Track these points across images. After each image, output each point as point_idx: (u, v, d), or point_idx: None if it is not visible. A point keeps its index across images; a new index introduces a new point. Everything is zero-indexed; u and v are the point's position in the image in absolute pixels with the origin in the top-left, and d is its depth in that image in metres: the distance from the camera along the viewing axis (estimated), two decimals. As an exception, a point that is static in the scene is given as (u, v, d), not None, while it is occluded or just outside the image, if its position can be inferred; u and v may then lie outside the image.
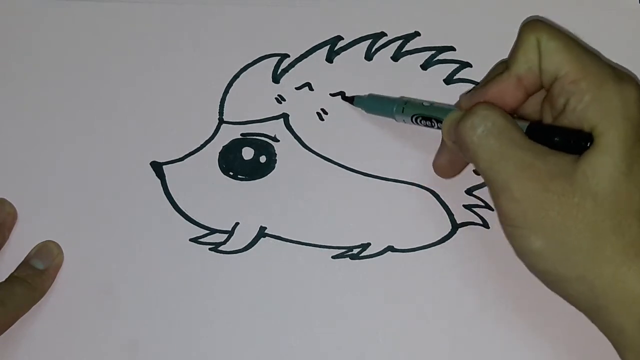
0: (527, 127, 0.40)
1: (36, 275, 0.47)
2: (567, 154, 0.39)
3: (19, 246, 0.48)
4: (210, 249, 0.48)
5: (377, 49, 0.50)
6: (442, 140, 0.45)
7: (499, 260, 0.47)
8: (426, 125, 0.45)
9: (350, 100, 0.48)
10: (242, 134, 0.49)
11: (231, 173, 0.49)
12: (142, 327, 0.47)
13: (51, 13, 0.50)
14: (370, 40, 0.50)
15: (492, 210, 0.47)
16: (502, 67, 0.43)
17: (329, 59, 0.50)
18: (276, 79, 0.50)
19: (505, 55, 0.48)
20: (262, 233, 0.48)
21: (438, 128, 0.44)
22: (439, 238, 0.47)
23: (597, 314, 0.39)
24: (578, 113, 0.39)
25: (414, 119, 0.45)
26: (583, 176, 0.37)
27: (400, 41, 0.49)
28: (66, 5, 0.50)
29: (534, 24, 0.41)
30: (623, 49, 0.48)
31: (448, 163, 0.46)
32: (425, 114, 0.45)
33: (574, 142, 0.39)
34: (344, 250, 0.48)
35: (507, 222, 0.39)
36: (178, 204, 0.48)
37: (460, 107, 0.44)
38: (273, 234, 0.48)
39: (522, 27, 0.42)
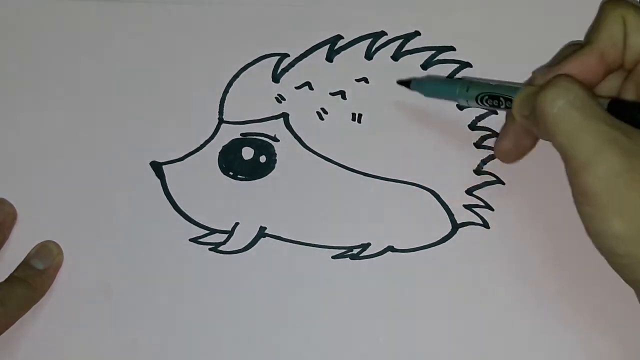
0: (609, 103, 0.38)
1: (36, 275, 0.47)
2: None
3: (19, 246, 0.48)
4: (210, 249, 0.48)
5: (377, 49, 0.49)
6: (506, 123, 0.44)
7: (499, 260, 0.47)
8: (492, 106, 0.43)
9: (407, 83, 0.47)
10: (242, 134, 0.49)
11: (231, 173, 0.49)
12: (142, 327, 0.47)
13: (51, 13, 0.50)
14: (370, 40, 0.50)
15: (492, 210, 0.48)
16: (575, 47, 0.42)
17: (329, 59, 0.50)
18: (276, 78, 0.49)
19: (505, 56, 0.48)
20: (262, 233, 0.48)
21: (506, 108, 0.42)
22: (439, 238, 0.47)
23: None
24: None
25: (479, 100, 0.43)
26: None
27: (400, 41, 0.49)
28: (66, 5, 0.50)
29: (617, 1, 0.40)
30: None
31: (513, 146, 0.44)
32: (493, 92, 0.43)
33: None
34: (344, 250, 0.48)
35: (586, 201, 0.37)
36: (178, 204, 0.48)
37: (534, 84, 0.42)
38: (273, 234, 0.48)
39: (605, 4, 0.41)
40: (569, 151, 0.37)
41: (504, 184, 0.48)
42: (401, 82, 0.48)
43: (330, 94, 0.49)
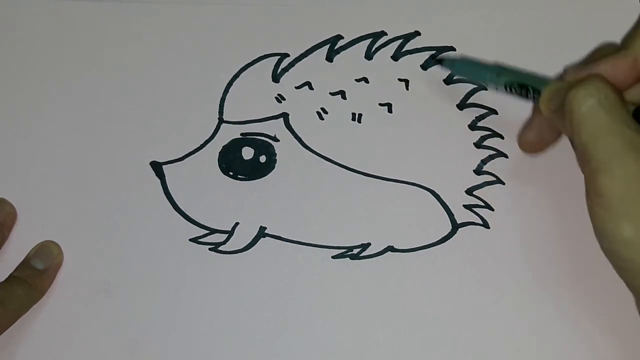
0: (634, 110, 0.39)
1: (36, 275, 0.47)
2: None
3: (19, 246, 0.48)
4: (210, 249, 0.48)
5: (377, 49, 0.49)
6: (533, 114, 0.44)
7: (499, 261, 0.47)
8: (519, 95, 0.43)
9: (439, 61, 0.47)
10: (242, 134, 0.49)
11: (231, 173, 0.49)
12: (142, 327, 0.47)
13: (51, 13, 0.50)
14: (370, 40, 0.50)
15: (492, 210, 0.48)
16: (610, 49, 0.42)
17: (329, 58, 0.50)
18: (276, 78, 0.50)
19: (505, 56, 0.48)
20: (262, 233, 0.48)
21: (533, 99, 0.42)
22: (439, 238, 0.47)
23: None
24: None
25: (508, 87, 0.43)
26: None
27: (401, 41, 0.49)
28: (66, 5, 0.50)
29: None
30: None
31: (536, 138, 0.44)
32: (523, 81, 0.42)
33: None
34: (344, 250, 0.48)
35: (601, 202, 0.37)
36: (178, 203, 0.48)
37: (565, 80, 0.42)
38: (273, 234, 0.48)
39: None
40: (590, 150, 0.37)
41: (504, 184, 0.48)
42: (434, 59, 0.47)
43: (330, 94, 0.49)
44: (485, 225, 0.48)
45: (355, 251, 0.47)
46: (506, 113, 0.48)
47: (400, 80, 0.49)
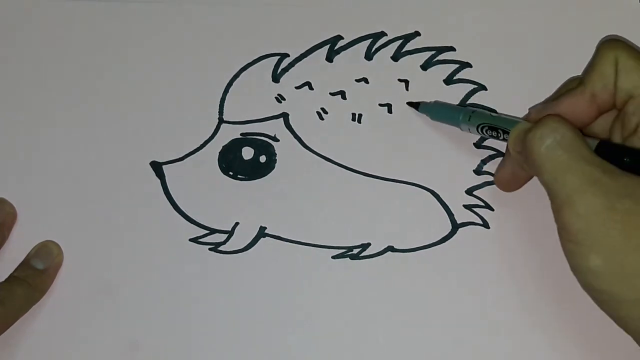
0: (597, 144, 0.39)
1: (36, 275, 0.47)
2: (636, 175, 0.38)
3: (19, 246, 0.48)
4: (210, 249, 0.48)
5: (377, 49, 0.49)
6: (506, 153, 0.45)
7: (499, 261, 0.47)
8: (491, 136, 0.44)
9: (416, 106, 0.48)
10: (242, 134, 0.49)
11: (231, 173, 0.49)
12: (142, 327, 0.47)
13: (51, 13, 0.50)
14: (370, 40, 0.50)
15: (492, 210, 0.48)
16: (574, 83, 0.43)
17: (329, 59, 0.50)
18: (276, 78, 0.49)
19: (505, 56, 0.48)
20: (262, 233, 0.48)
21: (504, 139, 0.43)
22: (439, 238, 0.47)
23: None
24: None
25: (479, 129, 0.45)
26: None
27: (400, 41, 0.49)
28: (66, 5, 0.50)
29: (613, 43, 0.42)
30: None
31: (510, 176, 0.45)
32: (492, 123, 0.44)
33: None
34: (344, 250, 0.48)
35: (568, 237, 0.38)
36: (178, 204, 0.48)
37: (529, 120, 0.44)
38: (273, 234, 0.48)
39: (601, 44, 0.42)
40: (553, 188, 0.38)
41: (504, 184, 0.48)
42: (411, 104, 0.48)
43: (330, 94, 0.49)
44: (485, 225, 0.48)
45: (355, 251, 0.47)
46: (506, 113, 0.48)
47: (400, 80, 0.49)
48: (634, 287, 0.37)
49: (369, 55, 0.49)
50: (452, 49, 0.49)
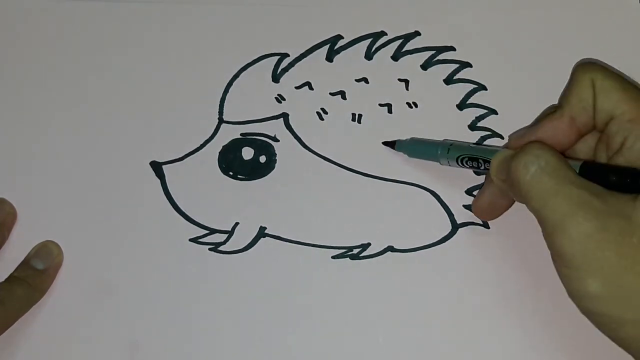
0: (580, 166, 0.39)
1: (36, 276, 0.47)
2: (623, 193, 0.38)
3: (19, 246, 0.48)
4: (210, 249, 0.48)
5: (377, 49, 0.49)
6: (485, 181, 0.45)
7: (499, 261, 0.47)
8: (472, 167, 0.44)
9: (392, 145, 0.48)
10: (242, 134, 0.49)
11: (231, 173, 0.49)
12: (142, 327, 0.47)
13: (51, 13, 0.50)
14: (370, 40, 0.50)
15: (492, 210, 0.48)
16: (552, 109, 0.43)
17: (329, 58, 0.50)
18: (276, 78, 0.49)
19: (505, 56, 0.48)
20: (262, 233, 0.48)
21: (485, 169, 0.43)
22: (439, 238, 0.47)
23: None
24: (637, 151, 0.39)
25: (459, 161, 0.45)
26: None
27: (400, 41, 0.49)
28: (66, 5, 0.50)
29: (588, 65, 0.42)
30: (623, 49, 0.48)
31: (489, 205, 0.45)
32: (472, 154, 0.44)
33: (631, 180, 0.38)
34: (344, 250, 0.48)
35: (562, 262, 0.38)
36: (178, 204, 0.48)
37: (510, 146, 0.44)
38: (273, 234, 0.48)
39: (576, 67, 0.42)
40: (542, 215, 0.38)
41: (504, 184, 0.48)
42: (386, 143, 0.48)
43: (330, 94, 0.49)
44: (485, 225, 0.48)
45: (355, 251, 0.47)
46: (506, 113, 0.48)
47: (400, 80, 0.49)
48: (633, 307, 0.37)
49: (369, 55, 0.49)
50: (452, 48, 0.49)
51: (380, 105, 0.49)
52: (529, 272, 0.47)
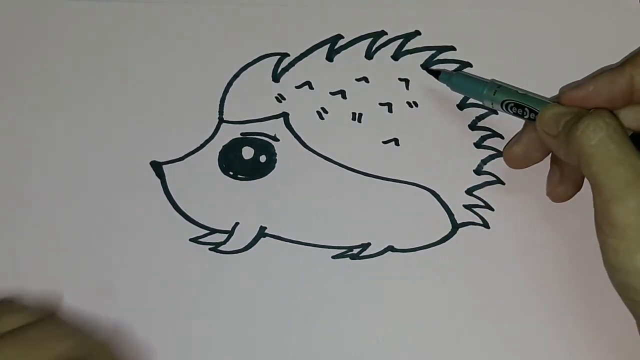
0: (630, 136, 0.38)
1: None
2: None
3: (19, 246, 0.48)
4: (210, 249, 0.48)
5: (378, 48, 0.49)
6: (524, 129, 0.44)
7: (499, 260, 0.47)
8: (515, 114, 0.43)
9: (436, 74, 0.46)
10: (242, 134, 0.49)
11: (231, 173, 0.49)
12: (142, 327, 0.47)
13: (51, 13, 0.50)
14: (370, 39, 0.50)
15: (492, 210, 0.48)
16: (607, 68, 0.42)
17: (329, 58, 0.50)
18: (276, 78, 0.49)
19: (505, 55, 0.48)
20: (262, 233, 0.48)
21: (529, 119, 0.42)
22: (439, 238, 0.47)
23: None
24: None
25: (504, 105, 0.43)
26: None
27: (401, 40, 0.49)
28: (66, 5, 0.50)
29: None
30: (623, 49, 0.48)
31: (523, 154, 0.44)
32: (520, 101, 0.42)
33: None
34: (344, 250, 0.48)
35: (613, 232, 0.37)
36: (178, 203, 0.48)
37: (561, 100, 0.42)
38: (273, 234, 0.48)
39: None
40: (600, 181, 0.37)
41: (504, 184, 0.48)
42: (430, 71, 0.47)
43: (330, 93, 0.49)
44: (485, 225, 0.48)
45: (355, 251, 0.48)
46: (506, 113, 0.48)
47: (400, 80, 0.49)
48: None
49: (369, 55, 0.49)
50: (452, 48, 0.49)
51: (381, 104, 0.49)
52: (529, 272, 0.47)
